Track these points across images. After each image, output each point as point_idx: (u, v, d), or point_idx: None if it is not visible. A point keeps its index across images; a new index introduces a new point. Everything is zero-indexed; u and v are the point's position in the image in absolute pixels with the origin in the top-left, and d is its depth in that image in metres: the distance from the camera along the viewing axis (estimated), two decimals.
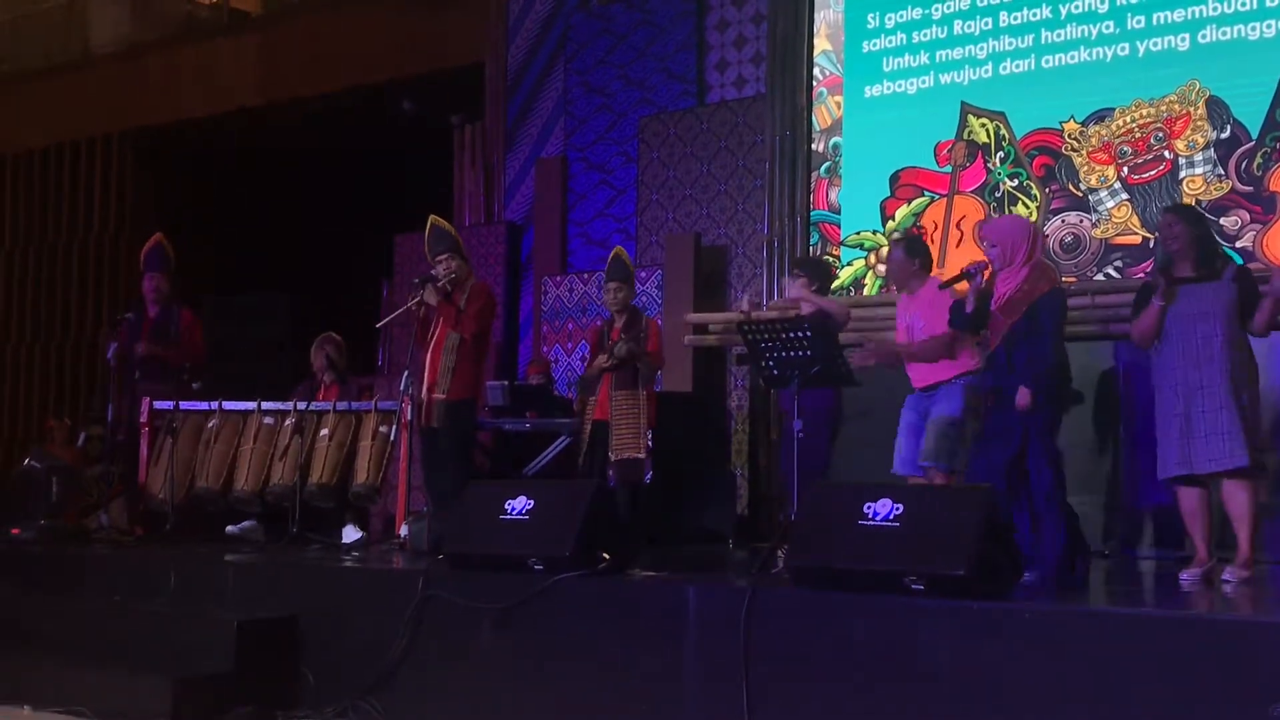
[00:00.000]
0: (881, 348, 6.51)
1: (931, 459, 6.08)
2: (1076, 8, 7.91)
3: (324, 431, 7.46)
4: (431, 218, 7.25)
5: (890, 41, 8.59)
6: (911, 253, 6.45)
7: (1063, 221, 7.87)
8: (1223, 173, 7.36)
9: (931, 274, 6.47)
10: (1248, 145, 7.31)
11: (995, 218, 7.82)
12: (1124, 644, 4.05)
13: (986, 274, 5.87)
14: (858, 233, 8.62)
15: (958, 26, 8.33)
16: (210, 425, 7.77)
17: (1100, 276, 7.69)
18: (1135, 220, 7.62)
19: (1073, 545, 5.50)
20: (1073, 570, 5.37)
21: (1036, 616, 4.27)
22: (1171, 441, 5.43)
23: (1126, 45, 7.74)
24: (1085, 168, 7.81)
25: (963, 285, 6.02)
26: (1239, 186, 7.28)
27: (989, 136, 8.15)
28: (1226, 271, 5.48)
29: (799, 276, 7.02)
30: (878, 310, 8.20)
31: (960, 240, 8.06)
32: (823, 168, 8.84)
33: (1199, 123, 7.45)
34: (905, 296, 6.45)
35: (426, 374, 7.04)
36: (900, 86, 8.53)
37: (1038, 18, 8.03)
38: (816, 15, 8.96)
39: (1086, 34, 7.86)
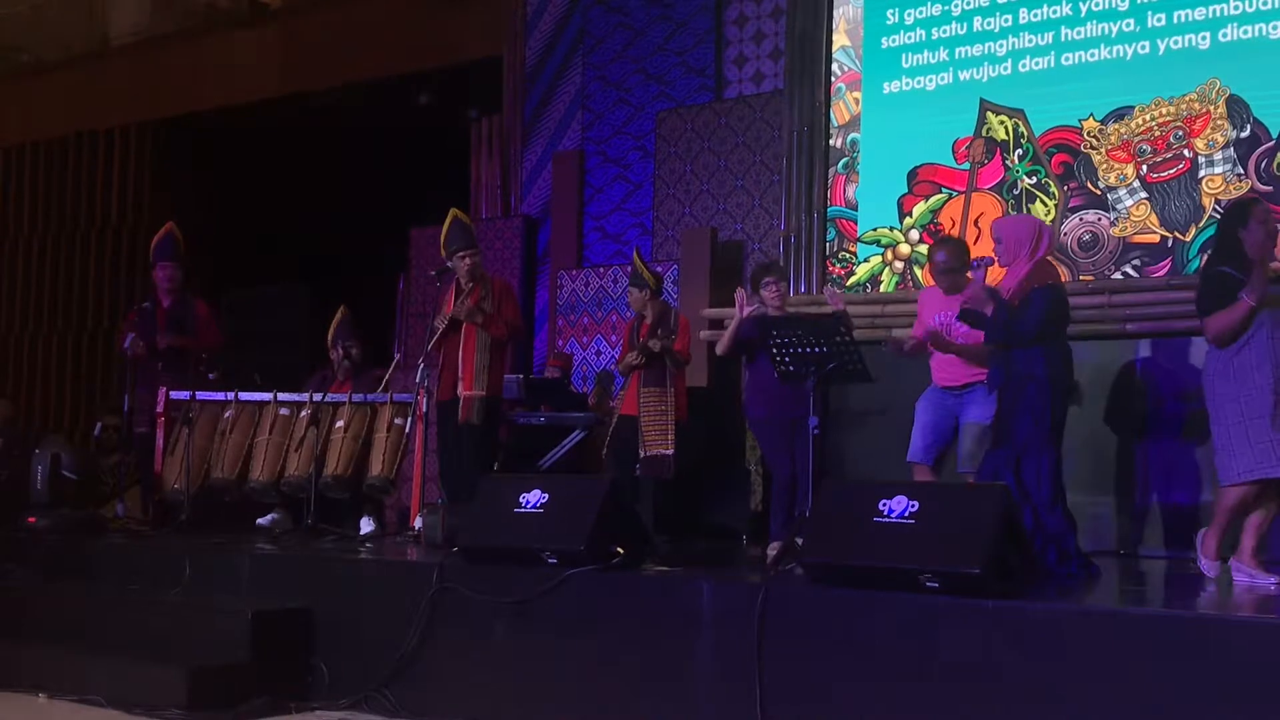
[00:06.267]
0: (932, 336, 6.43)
1: (971, 464, 6.11)
2: (1097, 5, 7.87)
3: (339, 423, 7.48)
4: (453, 211, 7.38)
5: (909, 38, 8.56)
6: (960, 253, 6.54)
7: (1081, 220, 7.84)
8: (1242, 172, 7.33)
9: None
10: (1268, 145, 7.27)
11: (1008, 215, 7.81)
12: (1138, 643, 4.05)
13: (992, 270, 5.97)
14: (875, 229, 8.60)
15: (977, 23, 8.30)
16: (226, 416, 7.79)
17: (1118, 275, 7.67)
18: (1154, 219, 7.59)
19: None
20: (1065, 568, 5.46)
21: (1051, 615, 4.27)
22: (1259, 443, 5.18)
23: (1147, 43, 7.70)
24: (1104, 166, 7.78)
25: (967, 275, 6.18)
26: (1258, 186, 7.24)
27: (1008, 134, 8.12)
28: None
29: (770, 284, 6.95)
30: (890, 307, 8.21)
31: (978, 237, 8.03)
32: (840, 164, 8.82)
33: (1219, 122, 7.42)
34: (940, 294, 6.46)
35: (461, 371, 7.15)
36: (919, 83, 8.50)
37: (1058, 15, 8.00)
38: (835, 11, 8.93)
39: (1106, 32, 7.83)
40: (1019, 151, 8.07)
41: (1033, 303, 5.63)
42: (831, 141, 8.87)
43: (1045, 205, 7.93)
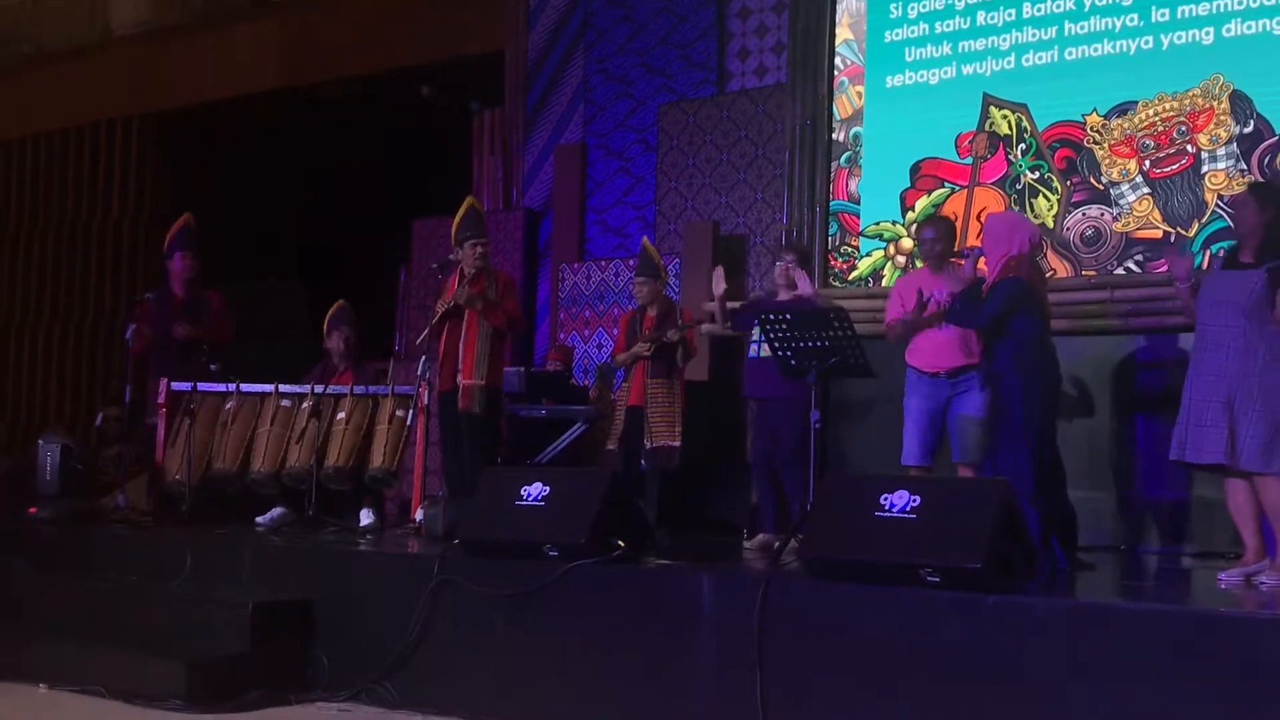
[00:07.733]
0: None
1: (973, 458, 6.11)
2: (1100, 0, 7.87)
3: (341, 415, 7.47)
4: (469, 199, 7.52)
5: (912, 31, 8.55)
6: (948, 232, 6.63)
7: (1084, 215, 7.83)
8: (1245, 168, 7.32)
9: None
10: (1271, 140, 7.26)
11: (1002, 210, 7.82)
12: (1140, 639, 4.04)
13: (980, 261, 6.06)
14: (877, 223, 8.60)
15: (980, 17, 8.29)
16: (228, 407, 7.78)
17: (1120, 270, 7.66)
18: (1156, 214, 7.59)
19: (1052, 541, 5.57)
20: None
21: (1052, 610, 4.26)
22: (1179, 425, 5.32)
23: (1150, 38, 7.70)
24: (1107, 161, 7.77)
25: (959, 260, 6.39)
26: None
27: (1011, 128, 8.11)
28: (1271, 263, 5.15)
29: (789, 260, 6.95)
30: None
31: (979, 232, 8.03)
32: (843, 157, 8.81)
33: (1222, 117, 7.41)
34: (928, 272, 6.50)
35: (461, 360, 7.18)
36: (922, 77, 8.50)
37: (1061, 9, 7.99)
38: (839, 4, 8.93)
39: (1110, 26, 7.82)
40: (1022, 146, 8.06)
41: (994, 293, 5.75)
42: (834, 135, 8.86)
43: (1048, 200, 7.92)
